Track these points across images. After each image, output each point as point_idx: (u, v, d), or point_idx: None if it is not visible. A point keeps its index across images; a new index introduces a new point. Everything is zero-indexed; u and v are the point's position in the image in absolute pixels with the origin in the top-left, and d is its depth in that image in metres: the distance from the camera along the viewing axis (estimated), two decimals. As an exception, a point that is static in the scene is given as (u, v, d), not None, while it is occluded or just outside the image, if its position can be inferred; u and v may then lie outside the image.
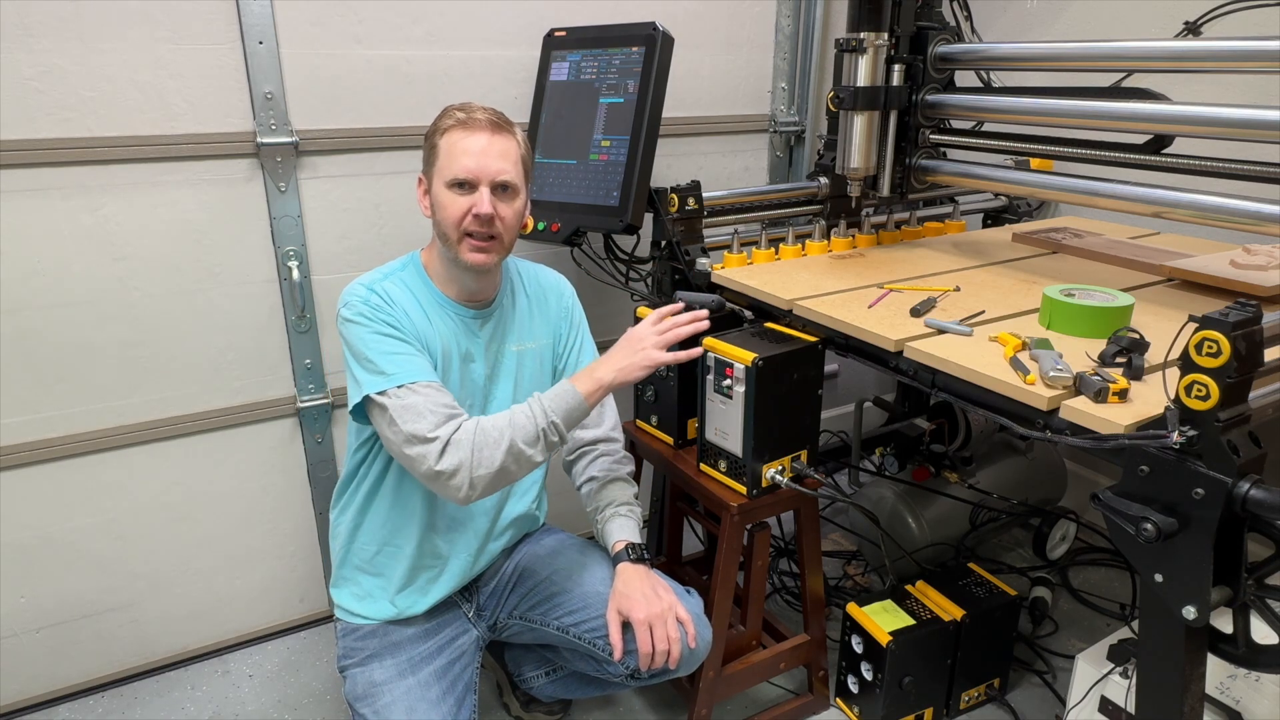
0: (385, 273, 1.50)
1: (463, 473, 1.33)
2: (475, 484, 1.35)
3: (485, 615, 1.69)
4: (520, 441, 1.37)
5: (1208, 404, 1.01)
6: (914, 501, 2.23)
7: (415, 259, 1.54)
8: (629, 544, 1.56)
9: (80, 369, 1.79)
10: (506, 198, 1.44)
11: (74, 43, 1.62)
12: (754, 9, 2.41)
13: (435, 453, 1.32)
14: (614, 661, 1.52)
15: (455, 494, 1.35)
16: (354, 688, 1.53)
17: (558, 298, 1.68)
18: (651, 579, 1.52)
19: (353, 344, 1.41)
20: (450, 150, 1.41)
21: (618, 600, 1.50)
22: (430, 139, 1.45)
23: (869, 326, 1.49)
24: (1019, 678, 1.99)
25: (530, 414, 1.39)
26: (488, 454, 1.35)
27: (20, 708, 1.93)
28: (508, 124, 1.45)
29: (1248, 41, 1.39)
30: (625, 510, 1.62)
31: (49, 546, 1.86)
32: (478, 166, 1.40)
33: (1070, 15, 2.34)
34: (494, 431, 1.36)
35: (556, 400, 1.41)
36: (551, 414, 1.40)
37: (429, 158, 1.46)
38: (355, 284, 1.46)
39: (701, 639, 1.54)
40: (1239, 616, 1.13)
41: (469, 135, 1.41)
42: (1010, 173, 1.95)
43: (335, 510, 1.62)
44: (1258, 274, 1.62)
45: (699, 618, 1.56)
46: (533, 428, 1.38)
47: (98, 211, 1.72)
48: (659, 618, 1.46)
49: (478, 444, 1.35)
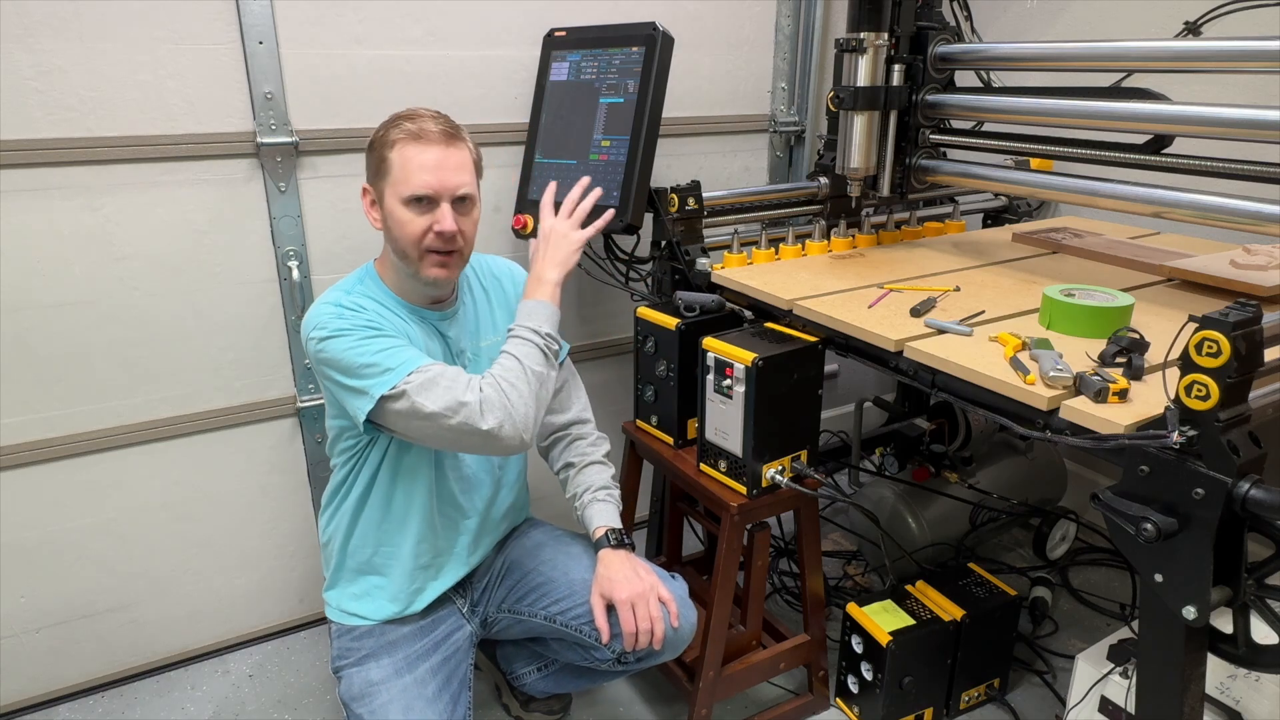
0: (345, 289, 1.48)
1: (507, 425, 1.35)
2: (525, 425, 1.37)
3: (478, 611, 1.70)
4: (536, 366, 1.41)
5: (1208, 404, 1.01)
6: (914, 501, 2.23)
7: (370, 271, 1.52)
8: (609, 529, 1.58)
9: (80, 369, 1.79)
10: (465, 209, 1.43)
11: (74, 43, 1.62)
12: (754, 9, 2.40)
13: (476, 415, 1.33)
14: (600, 647, 1.55)
15: (510, 445, 1.38)
16: (349, 688, 1.53)
17: (511, 283, 1.68)
18: (633, 561, 1.54)
19: (339, 359, 1.36)
20: (405, 165, 1.37)
21: (600, 584, 1.52)
22: (377, 149, 1.41)
23: (869, 326, 1.49)
24: (1019, 678, 1.99)
25: (525, 340, 1.43)
26: (518, 393, 1.37)
27: (20, 708, 1.93)
28: (458, 131, 1.43)
29: (1248, 41, 1.39)
30: (604, 495, 1.64)
31: (49, 546, 1.86)
32: (438, 183, 1.37)
33: (1070, 15, 2.34)
34: (510, 374, 1.39)
35: (532, 318, 1.45)
36: (540, 329, 1.44)
37: (378, 169, 1.41)
38: (319, 304, 1.43)
39: (685, 619, 1.56)
40: (1239, 616, 1.13)
41: (424, 149, 1.37)
42: (1010, 173, 1.95)
43: (324, 516, 1.62)
44: (1258, 274, 1.62)
45: (682, 599, 1.58)
46: (535, 350, 1.42)
47: (98, 211, 1.72)
48: (641, 597, 1.48)
49: (504, 389, 1.37)
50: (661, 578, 1.57)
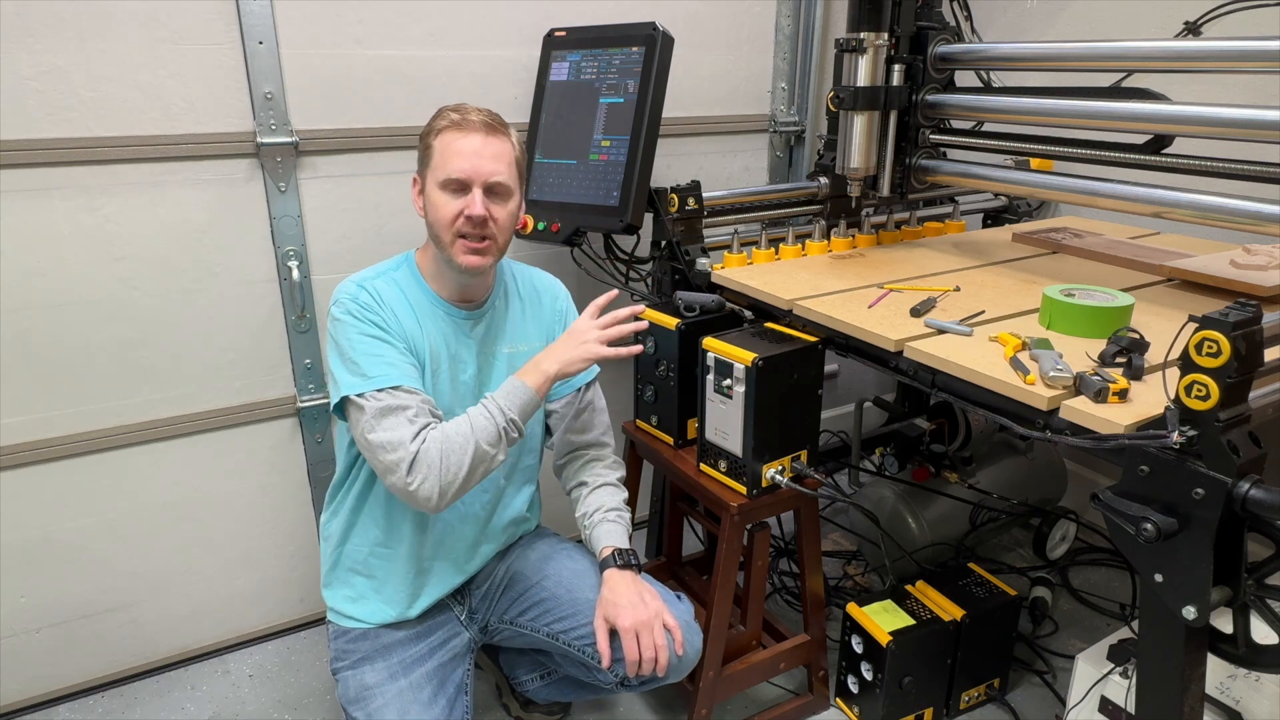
0: (378, 271, 1.50)
1: (430, 484, 1.35)
2: (444, 492, 1.37)
3: (477, 618, 1.69)
4: (484, 443, 1.38)
5: (1208, 404, 1.01)
6: (914, 501, 2.23)
7: (410, 258, 1.54)
8: (616, 550, 1.54)
9: (80, 369, 1.79)
10: (499, 200, 1.44)
11: (74, 43, 1.62)
12: (754, 9, 2.41)
13: (405, 467, 1.34)
14: (603, 669, 1.52)
15: (426, 504, 1.37)
16: (346, 691, 1.53)
17: (551, 300, 1.68)
18: (639, 585, 1.51)
19: (339, 341, 1.42)
20: (444, 151, 1.41)
21: (604, 608, 1.49)
22: (424, 139, 1.45)
23: (869, 326, 1.49)
24: (1019, 678, 1.99)
25: (488, 414, 1.40)
26: (454, 461, 1.36)
27: (20, 708, 1.93)
28: (502, 125, 1.45)
29: (1248, 41, 1.39)
30: (614, 516, 1.60)
31: (49, 546, 1.86)
32: (471, 168, 1.40)
33: (1070, 15, 2.34)
34: (458, 438, 1.37)
35: (510, 398, 1.42)
36: (509, 411, 1.41)
37: (423, 158, 1.46)
38: (347, 281, 1.47)
39: (690, 646, 1.53)
40: (1239, 616, 1.13)
41: (463, 136, 1.41)
42: (1010, 173, 1.95)
43: (327, 513, 1.62)
44: (1258, 274, 1.62)
45: (687, 624, 1.54)
46: (493, 428, 1.39)
47: (98, 211, 1.72)
48: (645, 625, 1.45)
49: (445, 452, 1.36)
50: (667, 601, 1.53)
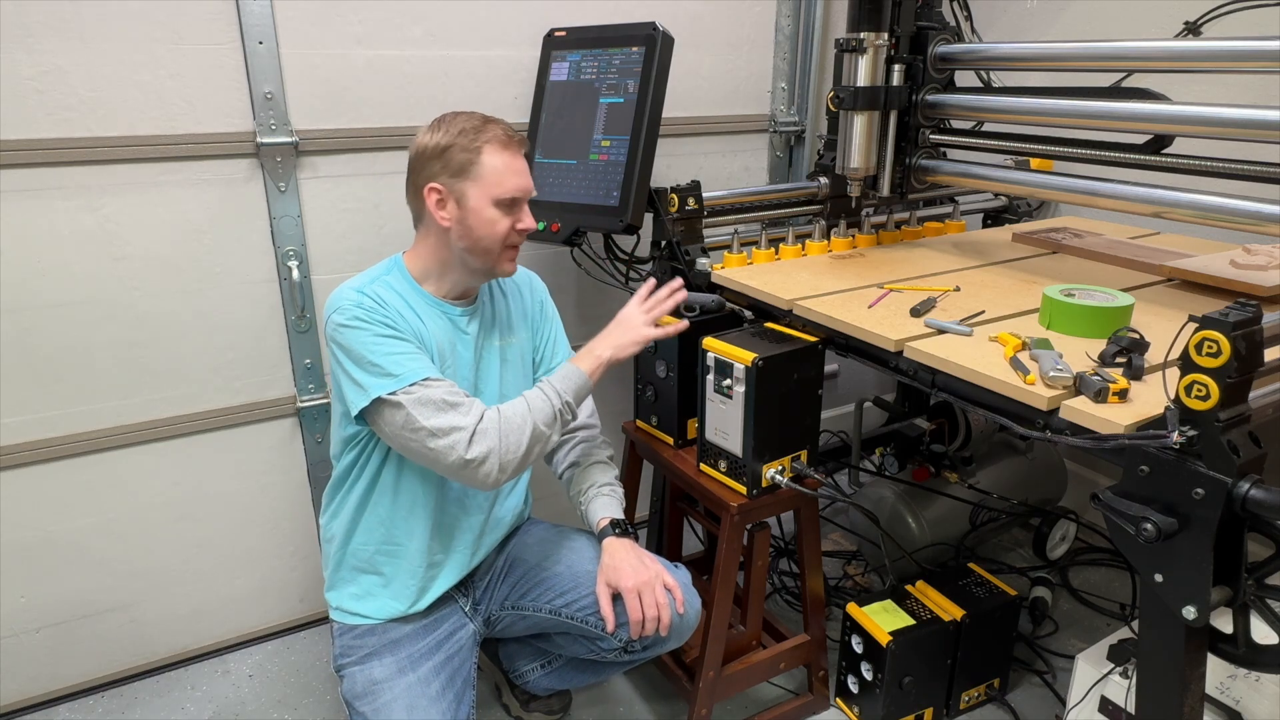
0: (371, 277, 1.50)
1: (492, 459, 1.39)
2: (504, 468, 1.41)
3: (480, 609, 1.70)
4: (541, 424, 1.45)
5: (1208, 404, 1.01)
6: (914, 501, 2.23)
7: (398, 262, 1.54)
8: (612, 520, 1.60)
9: (80, 369, 1.79)
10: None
11: (74, 43, 1.62)
12: (754, 9, 2.41)
13: (464, 442, 1.37)
14: (607, 636, 1.56)
15: (485, 480, 1.41)
16: (352, 686, 1.53)
17: (530, 291, 1.72)
18: (637, 550, 1.56)
19: (351, 348, 1.40)
20: (499, 169, 1.44)
21: (605, 573, 1.53)
22: (464, 150, 1.43)
23: (869, 326, 1.49)
24: (1019, 678, 1.99)
25: (545, 396, 1.47)
26: (514, 439, 1.41)
27: (20, 708, 1.93)
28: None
29: (1248, 41, 1.39)
30: (608, 490, 1.66)
31: (49, 546, 1.86)
32: (526, 185, 1.48)
33: (1070, 15, 2.34)
34: (516, 418, 1.43)
35: (566, 381, 1.50)
36: (564, 394, 1.48)
37: (462, 169, 1.43)
38: (343, 289, 1.46)
39: (690, 606, 1.57)
40: (1239, 616, 1.13)
41: (514, 156, 1.46)
42: (1010, 173, 1.95)
43: (326, 515, 1.62)
44: (1258, 274, 1.62)
45: (687, 586, 1.59)
46: (549, 409, 1.46)
47: (98, 211, 1.72)
48: (647, 585, 1.50)
49: (504, 430, 1.41)
50: (665, 566, 1.58)
